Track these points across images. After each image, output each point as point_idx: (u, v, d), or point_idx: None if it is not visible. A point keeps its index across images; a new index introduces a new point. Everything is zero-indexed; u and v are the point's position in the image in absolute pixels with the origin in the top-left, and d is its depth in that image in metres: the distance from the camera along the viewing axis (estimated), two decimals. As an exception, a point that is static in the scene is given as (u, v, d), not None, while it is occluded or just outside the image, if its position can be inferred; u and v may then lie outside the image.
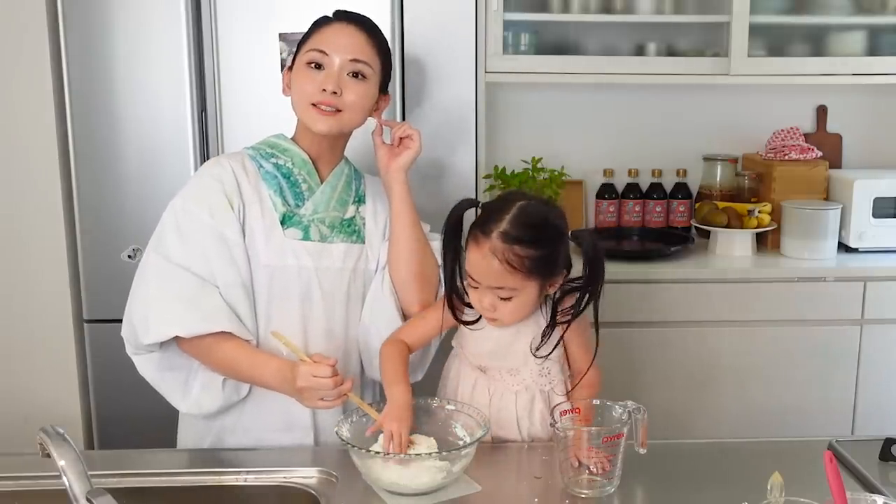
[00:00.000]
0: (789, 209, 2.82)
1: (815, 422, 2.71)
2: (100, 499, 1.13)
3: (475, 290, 1.55)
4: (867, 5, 2.93)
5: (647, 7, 2.83)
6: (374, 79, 1.69)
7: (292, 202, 1.70)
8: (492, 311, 1.55)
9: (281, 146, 1.73)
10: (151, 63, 2.31)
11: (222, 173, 1.67)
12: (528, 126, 3.08)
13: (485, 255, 1.50)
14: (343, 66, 1.65)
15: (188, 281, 1.61)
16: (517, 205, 1.53)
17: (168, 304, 1.61)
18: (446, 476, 1.43)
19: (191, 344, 1.62)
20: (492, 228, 1.50)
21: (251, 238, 1.66)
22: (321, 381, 1.49)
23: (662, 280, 2.67)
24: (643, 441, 1.46)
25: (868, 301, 2.70)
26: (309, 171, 1.72)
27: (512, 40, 2.80)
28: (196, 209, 1.64)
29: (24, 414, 2.43)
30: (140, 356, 1.68)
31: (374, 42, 1.69)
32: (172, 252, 1.63)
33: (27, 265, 2.42)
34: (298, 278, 1.69)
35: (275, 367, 1.59)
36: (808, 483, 1.25)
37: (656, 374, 2.69)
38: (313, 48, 1.66)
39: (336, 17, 1.71)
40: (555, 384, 1.64)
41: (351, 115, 1.67)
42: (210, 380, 1.67)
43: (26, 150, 2.38)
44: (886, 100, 3.15)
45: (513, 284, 1.51)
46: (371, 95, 1.69)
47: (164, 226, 1.66)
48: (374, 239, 1.77)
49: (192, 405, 1.69)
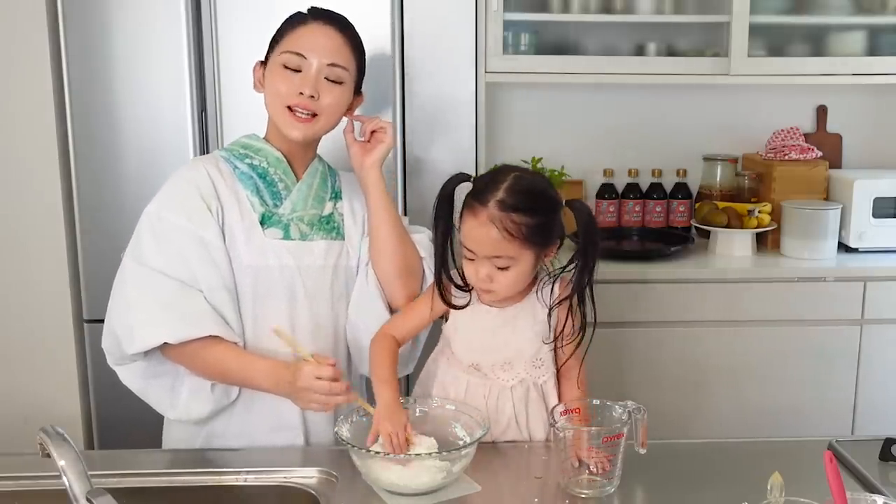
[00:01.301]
0: (789, 209, 2.82)
1: (815, 422, 2.71)
2: (100, 499, 1.13)
3: (471, 263, 1.55)
4: (867, 5, 2.93)
5: (647, 7, 2.83)
6: (350, 82, 1.68)
7: (270, 202, 1.68)
8: (488, 282, 1.54)
9: (254, 146, 1.71)
10: (151, 63, 2.31)
11: (197, 176, 1.65)
12: (528, 126, 3.08)
13: (482, 224, 1.50)
14: (320, 69, 1.63)
15: (169, 286, 1.58)
16: (512, 175, 1.54)
17: (151, 310, 1.58)
18: (446, 476, 1.43)
19: (177, 351, 1.59)
20: (489, 197, 1.50)
21: (231, 240, 1.64)
22: (322, 383, 1.49)
23: (662, 280, 2.67)
24: (643, 441, 1.46)
25: (868, 301, 2.70)
26: (284, 169, 1.70)
27: (512, 40, 2.80)
28: (172, 214, 1.61)
29: (24, 414, 2.43)
30: (123, 367, 1.66)
31: (350, 44, 1.67)
32: (151, 259, 1.60)
33: (27, 265, 2.42)
34: (281, 278, 1.67)
35: (267, 369, 1.58)
36: (808, 483, 1.25)
37: (656, 375, 2.68)
38: (290, 50, 1.63)
39: (313, 15, 1.67)
40: (547, 377, 1.64)
41: (327, 118, 1.66)
42: (198, 385, 1.65)
43: (26, 150, 2.38)
44: (886, 100, 3.16)
45: (511, 253, 1.51)
46: (347, 98, 1.68)
47: (141, 233, 1.63)
48: (353, 235, 1.76)
49: (182, 412, 1.66)
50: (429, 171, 2.38)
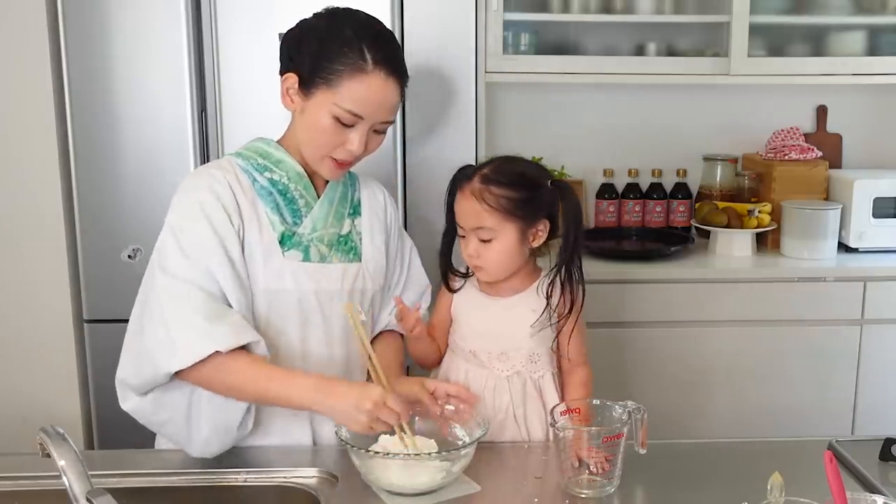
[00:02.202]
0: (789, 209, 2.82)
1: (815, 422, 2.71)
2: (100, 499, 1.13)
3: (462, 240, 1.66)
4: (867, 5, 2.94)
5: (647, 7, 2.83)
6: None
7: (290, 220, 1.59)
8: (476, 257, 1.63)
9: (273, 156, 1.61)
10: (151, 63, 2.31)
11: (218, 188, 1.55)
12: (528, 126, 3.08)
13: (466, 197, 1.62)
14: (374, 126, 1.56)
15: (204, 297, 1.49)
16: (503, 157, 1.68)
17: (194, 321, 1.47)
18: (446, 476, 1.43)
19: (213, 366, 1.46)
20: (474, 174, 1.63)
21: (250, 260, 1.55)
22: (393, 414, 1.43)
23: (662, 280, 2.67)
24: (643, 441, 1.46)
25: (868, 301, 2.70)
26: (305, 185, 1.62)
27: (512, 40, 2.80)
28: (197, 225, 1.52)
29: (24, 414, 2.42)
30: (131, 401, 1.55)
31: (402, 91, 1.60)
32: (181, 271, 1.50)
33: (27, 265, 2.42)
34: (298, 303, 1.59)
35: (312, 382, 1.47)
36: (808, 483, 1.25)
37: (656, 375, 2.69)
38: (348, 109, 1.52)
39: (377, 64, 1.53)
40: (544, 373, 1.67)
41: (362, 158, 1.61)
42: (223, 426, 1.53)
43: (26, 150, 2.38)
44: (886, 100, 3.16)
45: (490, 224, 1.60)
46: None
47: (165, 247, 1.53)
48: (370, 259, 1.69)
49: (202, 448, 1.55)
50: (429, 171, 2.38)
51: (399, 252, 1.78)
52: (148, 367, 1.49)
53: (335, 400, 1.44)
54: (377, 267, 1.70)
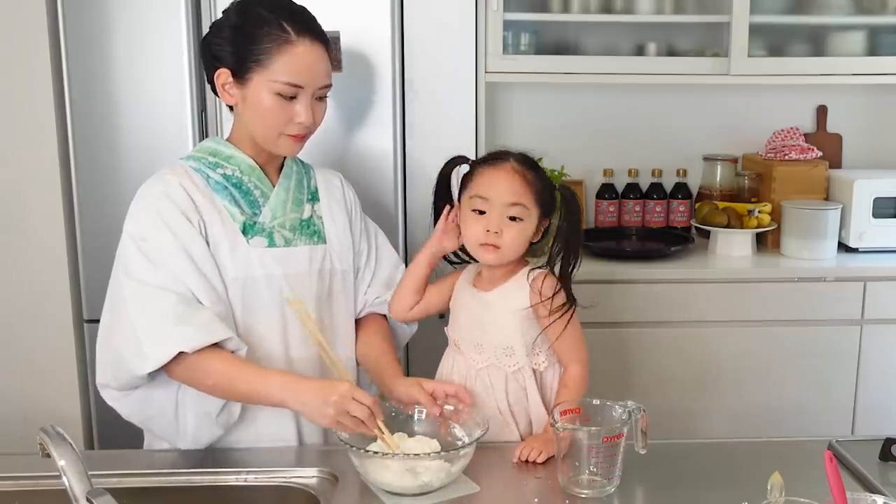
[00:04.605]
0: (789, 209, 2.82)
1: (815, 422, 2.71)
2: (100, 499, 1.13)
3: (481, 219, 1.62)
4: (867, 5, 2.93)
5: (647, 7, 2.83)
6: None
7: (248, 210, 1.65)
8: (497, 236, 1.60)
9: (223, 153, 1.66)
10: (151, 63, 2.31)
11: (173, 192, 1.59)
12: (528, 126, 3.08)
13: (507, 172, 1.63)
14: (315, 93, 1.62)
15: (172, 299, 1.53)
16: (517, 151, 1.68)
17: (160, 324, 1.52)
18: (446, 476, 1.43)
19: (183, 367, 1.53)
20: (508, 156, 1.65)
21: (216, 252, 1.60)
22: (363, 408, 1.44)
23: (662, 280, 2.67)
24: (643, 441, 1.46)
25: (868, 301, 2.70)
26: (258, 176, 1.67)
27: (512, 40, 2.80)
28: (157, 232, 1.56)
29: (24, 414, 2.42)
30: (121, 400, 1.62)
31: (331, 55, 1.67)
32: (146, 277, 1.55)
33: (27, 265, 2.42)
34: (269, 287, 1.64)
35: (281, 381, 1.52)
36: (808, 483, 1.25)
37: (656, 375, 2.68)
38: (286, 81, 1.57)
39: (300, 34, 1.59)
40: (521, 366, 1.65)
41: (315, 129, 1.67)
42: (203, 412, 1.60)
43: (26, 150, 2.38)
44: (886, 100, 3.15)
45: (526, 202, 1.62)
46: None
47: (127, 256, 1.58)
48: (334, 239, 1.74)
49: (191, 441, 1.62)
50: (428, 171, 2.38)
51: (364, 232, 1.82)
52: (123, 371, 1.56)
53: (304, 396, 1.49)
54: (343, 247, 1.75)
